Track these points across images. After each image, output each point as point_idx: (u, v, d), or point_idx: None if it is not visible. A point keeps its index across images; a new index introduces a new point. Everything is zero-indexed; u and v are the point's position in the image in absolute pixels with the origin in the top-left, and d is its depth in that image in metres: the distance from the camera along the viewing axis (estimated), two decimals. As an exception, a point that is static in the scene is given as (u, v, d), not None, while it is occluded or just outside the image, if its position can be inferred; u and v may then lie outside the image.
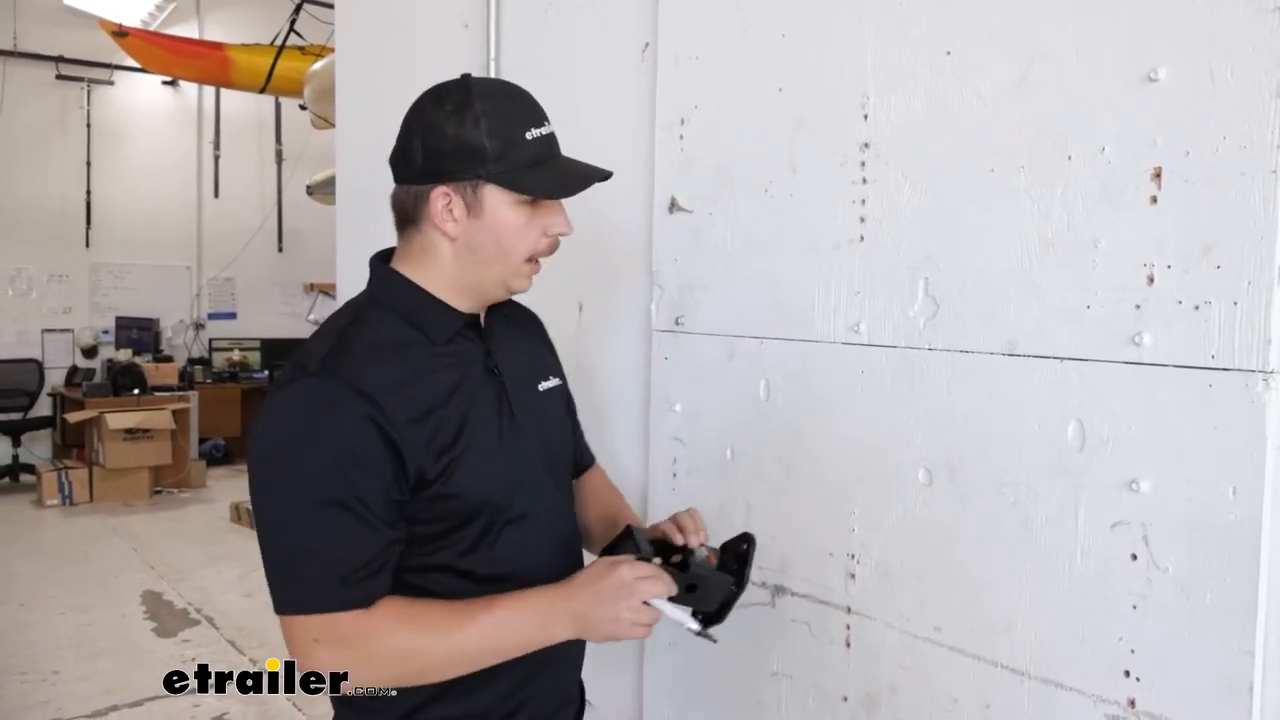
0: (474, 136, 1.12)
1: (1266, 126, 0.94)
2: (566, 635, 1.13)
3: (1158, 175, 1.02)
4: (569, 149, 1.20)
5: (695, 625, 1.15)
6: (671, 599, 1.13)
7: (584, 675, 1.33)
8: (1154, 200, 1.02)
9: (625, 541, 1.19)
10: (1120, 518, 1.05)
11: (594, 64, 1.88)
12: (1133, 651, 1.04)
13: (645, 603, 1.11)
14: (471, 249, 1.17)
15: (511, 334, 1.30)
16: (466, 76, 1.17)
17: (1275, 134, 0.93)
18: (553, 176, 1.17)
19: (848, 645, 1.36)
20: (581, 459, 1.46)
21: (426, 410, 1.12)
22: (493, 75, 2.07)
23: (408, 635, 1.10)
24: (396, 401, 1.09)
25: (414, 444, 1.09)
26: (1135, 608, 1.04)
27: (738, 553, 1.19)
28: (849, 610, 1.35)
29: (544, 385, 1.32)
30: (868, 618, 1.33)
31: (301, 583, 1.08)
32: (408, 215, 1.18)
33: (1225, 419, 0.96)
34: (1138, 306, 1.03)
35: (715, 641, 1.18)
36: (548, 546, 1.24)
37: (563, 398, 1.38)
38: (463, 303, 1.20)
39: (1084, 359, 1.08)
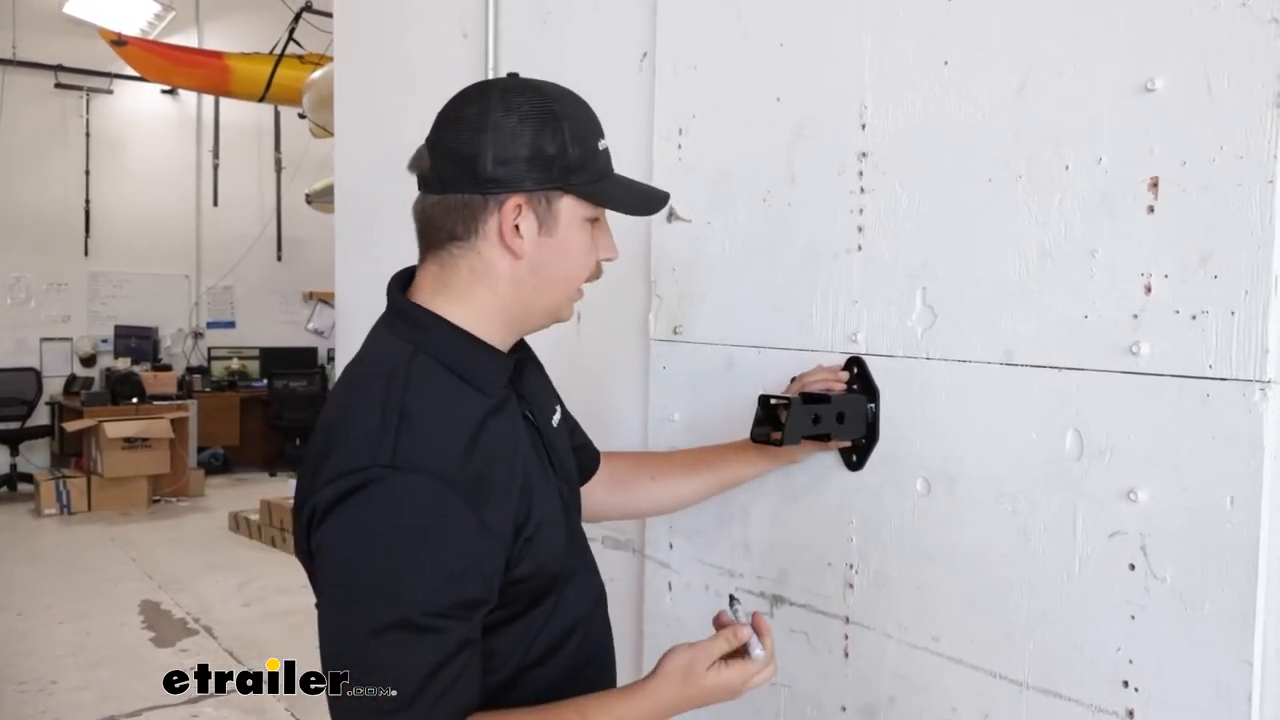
0: (556, 143, 1.01)
1: (1263, 136, 0.94)
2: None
3: (1155, 185, 1.02)
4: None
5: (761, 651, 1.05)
6: (821, 436, 1.27)
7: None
8: (1151, 210, 1.02)
9: (766, 411, 1.26)
10: (1118, 527, 1.05)
11: (592, 73, 1.88)
12: (1131, 662, 1.04)
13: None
14: (536, 271, 1.04)
15: (527, 367, 1.17)
16: (519, 77, 1.06)
17: (1272, 144, 0.93)
18: (633, 192, 1.08)
19: (846, 655, 1.35)
20: (592, 461, 1.38)
21: (509, 482, 1.00)
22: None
23: None
24: (488, 483, 0.97)
25: (506, 529, 0.98)
26: (1133, 618, 1.03)
27: (853, 375, 1.32)
28: (847, 620, 1.35)
29: (555, 419, 1.21)
30: (866, 627, 1.33)
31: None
32: (453, 231, 1.02)
33: (1223, 429, 0.96)
34: (1135, 316, 1.03)
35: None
36: (590, 590, 1.19)
37: (566, 426, 1.28)
38: (502, 339, 1.08)
39: (1082, 368, 1.08)
